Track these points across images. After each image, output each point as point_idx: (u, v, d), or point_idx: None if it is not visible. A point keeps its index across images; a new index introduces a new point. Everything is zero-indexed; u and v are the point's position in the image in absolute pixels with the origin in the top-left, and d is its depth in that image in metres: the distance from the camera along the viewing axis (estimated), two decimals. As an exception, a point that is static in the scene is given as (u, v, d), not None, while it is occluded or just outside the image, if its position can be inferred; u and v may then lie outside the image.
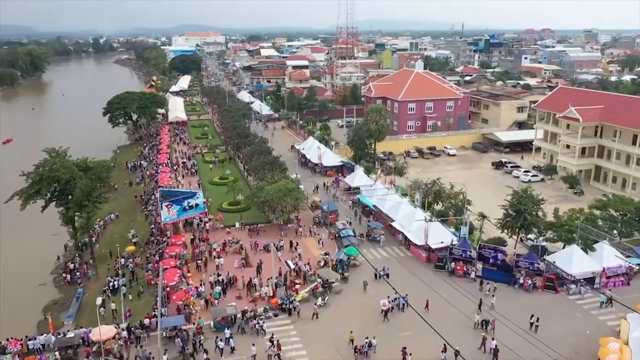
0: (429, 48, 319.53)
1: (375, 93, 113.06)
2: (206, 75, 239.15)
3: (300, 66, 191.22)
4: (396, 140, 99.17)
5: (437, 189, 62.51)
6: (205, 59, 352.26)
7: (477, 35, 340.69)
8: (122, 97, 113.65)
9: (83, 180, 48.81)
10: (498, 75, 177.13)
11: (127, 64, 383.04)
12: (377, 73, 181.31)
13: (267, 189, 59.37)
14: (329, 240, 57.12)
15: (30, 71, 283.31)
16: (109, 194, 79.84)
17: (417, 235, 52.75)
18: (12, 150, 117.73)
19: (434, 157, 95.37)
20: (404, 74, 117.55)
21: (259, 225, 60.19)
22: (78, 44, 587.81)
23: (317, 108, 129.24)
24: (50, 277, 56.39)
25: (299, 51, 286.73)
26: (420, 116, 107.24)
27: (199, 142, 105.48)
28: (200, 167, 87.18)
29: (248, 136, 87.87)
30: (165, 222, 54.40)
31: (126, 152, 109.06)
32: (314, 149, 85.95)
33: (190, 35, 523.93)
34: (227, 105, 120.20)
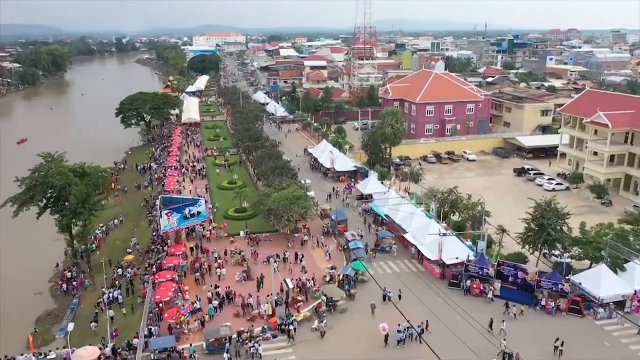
0: (451, 48, 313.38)
1: (392, 95, 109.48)
2: (224, 75, 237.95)
3: (318, 66, 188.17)
4: (413, 144, 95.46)
5: (453, 198, 58.91)
6: (224, 59, 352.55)
7: (500, 36, 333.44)
8: (135, 98, 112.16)
9: (79, 186, 46.58)
10: (521, 77, 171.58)
11: (147, 63, 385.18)
12: (396, 74, 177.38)
13: (274, 196, 56.51)
14: (337, 252, 53.96)
15: (52, 70, 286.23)
16: (115, 197, 78.29)
17: (431, 249, 49.24)
18: (26, 151, 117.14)
19: (453, 162, 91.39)
20: (422, 75, 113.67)
21: (265, 234, 57.27)
22: (101, 43, 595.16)
23: (333, 110, 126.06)
24: (48, 286, 54.51)
25: (319, 51, 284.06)
26: (438, 119, 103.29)
27: (211, 144, 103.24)
28: (209, 170, 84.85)
29: (259, 139, 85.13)
30: (164, 231, 51.90)
31: (138, 153, 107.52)
32: (326, 153, 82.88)
33: (211, 35, 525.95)
34: (241, 106, 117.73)
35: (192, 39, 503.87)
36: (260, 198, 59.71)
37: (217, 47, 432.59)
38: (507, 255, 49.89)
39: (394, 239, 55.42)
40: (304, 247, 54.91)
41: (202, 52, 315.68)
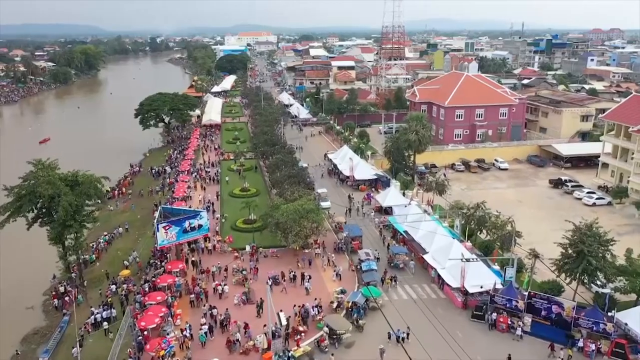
0: (486, 48, 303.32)
1: (419, 98, 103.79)
2: (252, 75, 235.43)
3: (346, 67, 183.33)
4: (440, 150, 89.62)
5: (480, 214, 53.32)
6: (254, 59, 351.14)
7: (538, 35, 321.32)
8: (154, 99, 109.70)
9: (68, 197, 43.18)
10: (560, 79, 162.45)
11: (179, 63, 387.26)
12: (426, 75, 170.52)
13: (283, 208, 52.06)
14: (349, 272, 49.12)
15: (85, 70, 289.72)
16: (124, 203, 75.35)
17: (453, 273, 43.94)
18: (47, 151, 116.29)
19: (483, 171, 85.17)
20: (452, 77, 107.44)
21: (272, 250, 52.91)
22: (136, 43, 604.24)
23: (358, 112, 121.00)
24: (41, 299, 51.40)
25: (349, 51, 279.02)
26: (469, 124, 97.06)
27: (229, 147, 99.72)
28: (223, 175, 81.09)
29: (276, 144, 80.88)
30: (161, 246, 48.10)
31: (156, 155, 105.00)
32: (347, 160, 77.99)
33: (242, 34, 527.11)
34: (262, 107, 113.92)
35: (225, 38, 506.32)
36: (269, 210, 55.35)
37: (248, 46, 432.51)
38: (540, 283, 44.17)
39: (408, 255, 50.67)
40: (313, 266, 50.25)
41: (232, 51, 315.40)
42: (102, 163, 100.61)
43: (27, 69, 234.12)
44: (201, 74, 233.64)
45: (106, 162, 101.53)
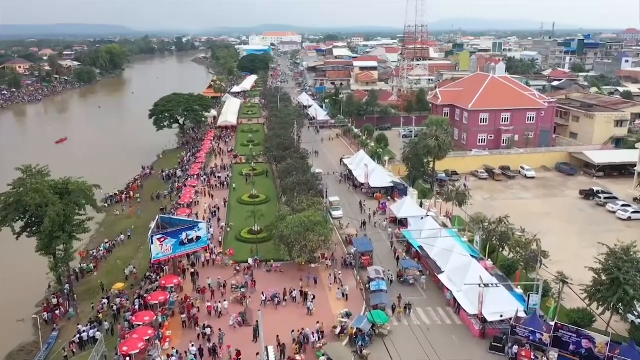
0: (514, 49, 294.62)
1: (442, 100, 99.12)
2: (273, 75, 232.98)
3: (368, 67, 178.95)
4: (462, 157, 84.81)
5: (503, 230, 48.86)
6: (277, 59, 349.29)
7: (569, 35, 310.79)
8: (169, 99, 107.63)
9: (56, 206, 40.52)
10: (592, 81, 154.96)
11: (203, 62, 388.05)
12: (451, 76, 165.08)
13: (288, 220, 48.55)
14: (357, 292, 45.29)
15: (109, 69, 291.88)
16: (130, 208, 72.90)
17: (470, 298, 39.71)
18: (63, 151, 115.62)
19: (507, 180, 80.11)
20: (477, 79, 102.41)
21: (275, 264, 49.44)
22: (163, 42, 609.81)
23: (377, 114, 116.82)
24: (33, 311, 48.72)
25: (373, 51, 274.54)
26: (493, 128, 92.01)
27: (243, 150, 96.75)
28: (233, 180, 78.10)
29: (289, 148, 77.41)
30: (156, 259, 45.11)
31: (170, 157, 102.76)
32: (362, 166, 74.06)
33: (267, 34, 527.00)
34: (278, 109, 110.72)
35: (249, 38, 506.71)
36: (274, 220, 51.91)
37: (272, 46, 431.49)
38: (569, 311, 39.62)
39: (420, 270, 47.05)
40: (319, 282, 46.55)
41: (256, 51, 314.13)
42: (115, 164, 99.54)
43: (52, 68, 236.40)
44: (223, 73, 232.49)
45: (120, 163, 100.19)
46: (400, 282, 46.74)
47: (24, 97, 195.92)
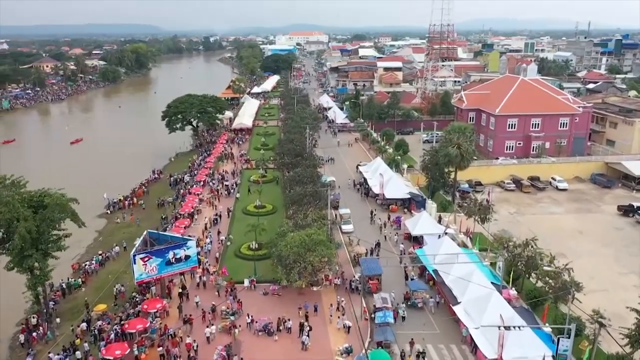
0: (547, 49, 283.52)
1: (467, 104, 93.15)
2: (297, 75, 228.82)
3: (392, 68, 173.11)
4: (487, 165, 78.69)
5: (530, 254, 43.23)
6: (303, 59, 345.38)
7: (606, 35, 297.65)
8: (181, 101, 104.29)
9: (28, 222, 36.82)
10: (631, 83, 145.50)
11: (228, 62, 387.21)
12: (479, 77, 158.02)
13: (288, 238, 43.91)
14: (363, 322, 40.27)
15: (135, 68, 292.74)
16: (131, 216, 69.29)
17: (489, 337, 34.34)
18: (77, 152, 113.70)
19: (537, 191, 73.72)
20: (506, 82, 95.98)
21: (273, 287, 44.83)
22: (190, 42, 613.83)
23: (399, 118, 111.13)
24: (13, 331, 45.44)
25: (400, 51, 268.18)
26: (522, 135, 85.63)
27: (255, 154, 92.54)
28: (242, 187, 73.97)
29: (300, 154, 72.71)
30: (138, 280, 41.01)
31: (182, 160, 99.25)
32: (378, 174, 68.91)
33: (293, 34, 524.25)
34: (294, 111, 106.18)
35: (276, 37, 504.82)
36: (275, 236, 47.35)
37: (298, 46, 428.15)
38: (607, 355, 33.86)
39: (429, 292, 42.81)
40: (320, 311, 41.72)
41: (280, 51, 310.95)
42: (126, 166, 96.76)
43: (77, 68, 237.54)
44: (245, 73, 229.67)
45: (131, 165, 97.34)
46: (407, 305, 41.92)
47: (48, 96, 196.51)
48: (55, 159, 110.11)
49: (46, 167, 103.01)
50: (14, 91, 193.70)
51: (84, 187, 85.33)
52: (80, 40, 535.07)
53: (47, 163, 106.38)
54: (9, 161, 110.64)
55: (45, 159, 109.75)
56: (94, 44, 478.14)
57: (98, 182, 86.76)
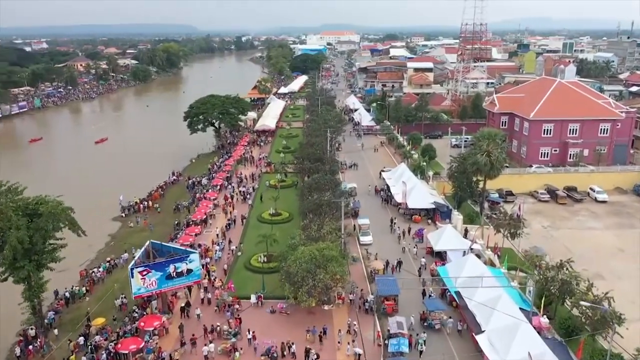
0: (587, 50, 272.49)
1: (499, 107, 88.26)
2: (325, 75, 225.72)
3: (423, 68, 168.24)
4: (520, 174, 73.87)
5: (565, 278, 38.95)
6: (333, 59, 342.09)
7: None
8: (204, 101, 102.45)
9: (20, 232, 34.78)
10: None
11: (259, 61, 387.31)
12: (514, 79, 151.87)
13: (298, 252, 40.82)
14: (375, 348, 36.87)
15: (166, 67, 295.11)
16: (145, 219, 67.37)
17: (515, 375, 30.44)
18: (101, 151, 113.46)
19: (574, 203, 68.67)
20: (541, 84, 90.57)
21: (280, 304, 41.78)
22: (223, 41, 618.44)
23: (428, 121, 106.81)
24: (12, 341, 43.70)
25: (432, 51, 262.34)
26: (559, 141, 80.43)
27: (277, 157, 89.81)
28: (259, 193, 71.29)
29: (321, 159, 69.49)
30: (136, 295, 38.56)
31: (203, 162, 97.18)
32: (401, 182, 65.10)
33: (325, 34, 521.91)
34: (318, 113, 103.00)
35: (307, 37, 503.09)
36: (285, 250, 44.34)
37: (328, 46, 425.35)
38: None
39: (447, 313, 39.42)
40: (329, 333, 38.45)
41: (310, 51, 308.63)
42: (148, 167, 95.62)
43: (109, 67, 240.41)
44: (273, 73, 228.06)
45: (153, 166, 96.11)
46: (423, 326, 38.40)
47: (79, 94, 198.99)
48: (79, 158, 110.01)
49: (68, 166, 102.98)
50: (47, 90, 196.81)
51: (104, 187, 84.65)
52: (117, 40, 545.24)
53: (70, 162, 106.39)
54: (33, 160, 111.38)
55: (69, 158, 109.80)
56: (129, 43, 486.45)
57: (118, 183, 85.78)
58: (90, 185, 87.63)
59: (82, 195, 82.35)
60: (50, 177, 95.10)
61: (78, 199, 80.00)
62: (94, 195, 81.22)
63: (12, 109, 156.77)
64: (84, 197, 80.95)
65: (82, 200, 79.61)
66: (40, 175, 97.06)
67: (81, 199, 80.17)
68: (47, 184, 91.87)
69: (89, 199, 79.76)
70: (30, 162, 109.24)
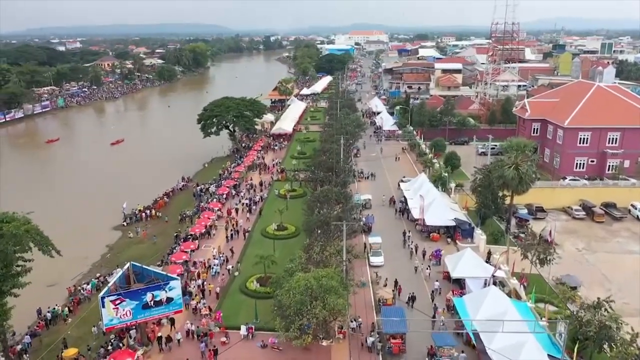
0: (627, 50, 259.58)
1: (531, 113, 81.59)
2: (351, 76, 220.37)
3: (452, 70, 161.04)
4: (552, 188, 67.24)
5: (603, 319, 33.09)
6: (361, 59, 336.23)
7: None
8: (218, 104, 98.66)
9: (-23, 254, 31.20)
10: None
11: (286, 61, 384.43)
12: (548, 81, 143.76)
13: (293, 281, 35.96)
14: (376, 397, 31.83)
15: (192, 67, 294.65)
16: (144, 230, 63.61)
17: None
18: (115, 153, 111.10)
19: (613, 222, 61.80)
20: (578, 88, 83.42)
21: (271, 339, 37.06)
22: (252, 41, 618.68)
23: (453, 125, 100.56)
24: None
25: (462, 52, 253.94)
26: (596, 151, 73.49)
27: (290, 164, 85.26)
28: (268, 203, 66.90)
29: (333, 169, 64.44)
30: (108, 327, 34.38)
31: (216, 166, 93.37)
32: (419, 195, 59.59)
33: (353, 33, 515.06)
34: (337, 116, 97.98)
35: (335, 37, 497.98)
36: (282, 274, 39.58)
37: (357, 45, 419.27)
38: None
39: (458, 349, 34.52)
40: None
41: (337, 51, 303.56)
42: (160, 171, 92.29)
43: (135, 66, 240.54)
44: (298, 74, 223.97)
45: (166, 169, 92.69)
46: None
47: (103, 94, 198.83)
48: (92, 160, 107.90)
49: (80, 168, 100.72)
50: (72, 89, 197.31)
51: (112, 192, 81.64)
52: (148, 39, 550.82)
53: (82, 164, 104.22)
54: (47, 160, 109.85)
55: (82, 160, 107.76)
56: (160, 42, 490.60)
57: (127, 188, 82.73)
58: (97, 189, 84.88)
59: (87, 200, 79.83)
60: (59, 180, 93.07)
61: (82, 205, 78.09)
62: (100, 201, 78.37)
63: (34, 108, 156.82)
64: (89, 203, 78.34)
65: (86, 206, 77.22)
66: (49, 177, 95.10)
67: (85, 204, 77.86)
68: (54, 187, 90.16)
69: (93, 205, 77.01)
70: (43, 163, 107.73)
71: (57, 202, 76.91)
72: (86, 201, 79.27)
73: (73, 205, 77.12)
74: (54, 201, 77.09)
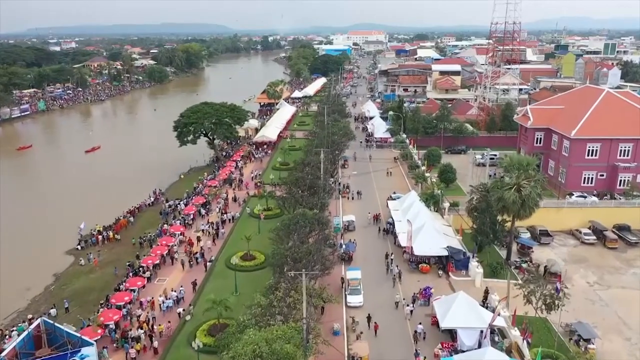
0: (631, 51, 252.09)
1: (534, 122, 74.16)
2: (346, 78, 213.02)
3: (450, 72, 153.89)
4: (557, 208, 59.78)
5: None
6: (359, 60, 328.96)
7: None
8: (196, 109, 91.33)
9: None
10: None
11: (282, 62, 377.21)
12: (551, 84, 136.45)
13: (242, 341, 28.71)
14: None
15: (185, 68, 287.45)
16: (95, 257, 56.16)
17: None
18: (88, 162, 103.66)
19: (627, 248, 54.40)
20: (585, 94, 76.04)
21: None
22: (250, 41, 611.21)
23: (449, 133, 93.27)
24: None
25: (462, 52, 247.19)
26: (606, 165, 66.19)
27: (274, 175, 78.04)
28: (240, 225, 59.67)
29: (313, 187, 56.97)
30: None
31: (193, 178, 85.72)
32: (406, 220, 52.15)
33: (352, 33, 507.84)
34: (323, 124, 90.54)
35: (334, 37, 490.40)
36: (230, 331, 32.34)
37: (354, 46, 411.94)
38: None
39: None
40: None
41: (334, 51, 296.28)
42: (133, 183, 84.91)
43: (123, 67, 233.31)
44: (292, 75, 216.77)
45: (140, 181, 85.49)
46: None
47: (88, 96, 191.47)
48: (63, 169, 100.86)
49: (47, 180, 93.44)
50: (56, 91, 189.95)
51: (75, 208, 74.31)
52: (145, 40, 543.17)
53: (51, 175, 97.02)
54: (13, 171, 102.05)
55: (52, 170, 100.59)
56: (157, 42, 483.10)
57: (92, 203, 75.47)
58: (61, 203, 77.67)
59: (46, 216, 72.60)
60: (20, 192, 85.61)
61: (38, 223, 70.62)
62: (60, 218, 71.11)
63: (12, 112, 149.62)
64: (48, 220, 71.09)
65: (44, 223, 69.85)
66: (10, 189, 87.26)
67: (43, 222, 70.49)
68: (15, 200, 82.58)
69: (52, 223, 69.75)
70: (9, 173, 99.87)
71: (11, 219, 69.50)
72: (45, 218, 72.13)
73: (29, 223, 69.95)
74: (7, 218, 69.59)
